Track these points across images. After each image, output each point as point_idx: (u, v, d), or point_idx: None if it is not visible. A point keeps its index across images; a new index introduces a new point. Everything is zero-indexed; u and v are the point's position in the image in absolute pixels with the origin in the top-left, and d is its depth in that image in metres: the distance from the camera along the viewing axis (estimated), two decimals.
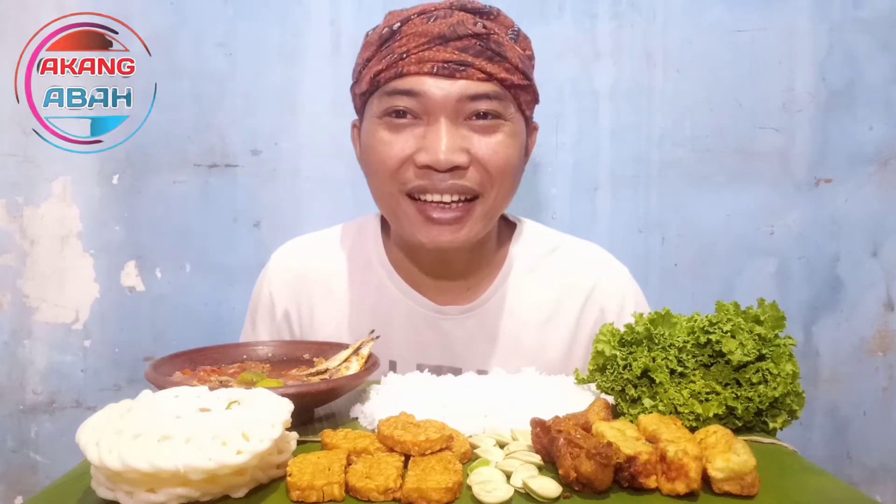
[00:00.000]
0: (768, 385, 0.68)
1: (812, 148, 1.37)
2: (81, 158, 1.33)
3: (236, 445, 0.53)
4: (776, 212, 1.39)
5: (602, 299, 0.95)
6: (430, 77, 0.80)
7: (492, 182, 0.84)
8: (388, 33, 0.83)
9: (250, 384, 0.74)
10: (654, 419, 0.62)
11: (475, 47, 0.81)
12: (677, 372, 0.69)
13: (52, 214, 1.34)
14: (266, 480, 0.58)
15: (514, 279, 0.95)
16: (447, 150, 0.80)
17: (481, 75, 0.81)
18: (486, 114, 0.82)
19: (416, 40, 0.81)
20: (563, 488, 0.56)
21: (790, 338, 0.70)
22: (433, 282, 0.94)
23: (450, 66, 0.80)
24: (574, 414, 0.66)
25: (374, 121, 0.85)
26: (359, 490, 0.54)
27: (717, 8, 1.35)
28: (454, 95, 0.81)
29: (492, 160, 0.83)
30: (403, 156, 0.83)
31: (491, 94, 0.82)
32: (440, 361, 0.91)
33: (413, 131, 0.82)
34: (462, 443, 0.63)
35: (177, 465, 0.51)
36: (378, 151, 0.84)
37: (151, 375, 0.72)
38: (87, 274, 1.35)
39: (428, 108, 0.81)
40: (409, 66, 0.80)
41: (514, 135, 0.85)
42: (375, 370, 0.78)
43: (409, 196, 0.85)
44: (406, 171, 0.83)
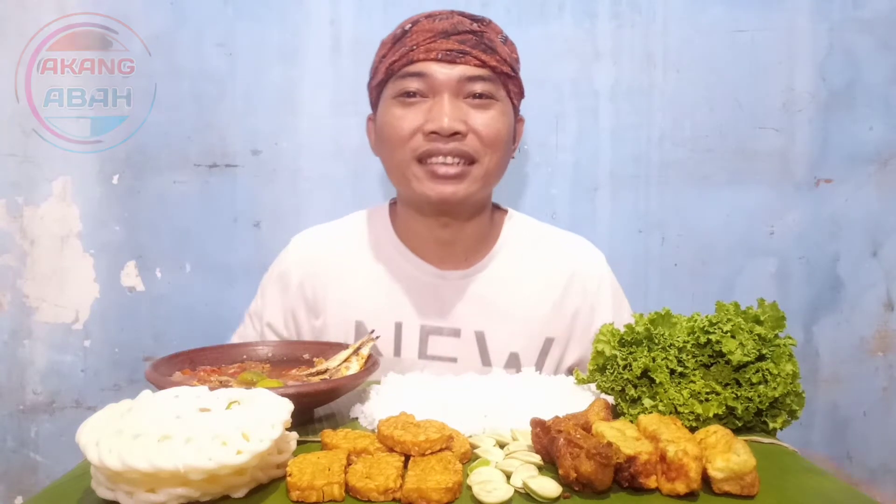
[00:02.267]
0: (768, 385, 0.68)
1: (812, 148, 1.37)
2: (81, 158, 1.33)
3: (236, 445, 0.53)
4: (776, 212, 1.39)
5: (583, 277, 1.07)
6: (436, 62, 0.97)
7: (485, 149, 0.99)
8: (400, 33, 1.00)
9: (250, 384, 0.74)
10: (654, 419, 0.62)
11: (472, 40, 0.98)
12: (677, 372, 0.69)
13: (52, 214, 1.34)
14: (266, 480, 0.58)
15: (506, 253, 1.08)
16: (450, 119, 0.96)
17: (477, 62, 0.98)
18: (480, 94, 0.98)
19: (423, 35, 0.98)
20: (563, 488, 0.56)
21: (790, 338, 0.70)
22: (436, 253, 1.06)
23: (451, 54, 0.97)
24: (574, 414, 0.66)
25: (389, 101, 1.00)
26: (359, 490, 0.54)
27: (717, 8, 1.35)
28: (455, 77, 0.97)
29: (485, 131, 0.98)
30: (414, 126, 0.98)
31: (485, 77, 0.98)
32: (440, 323, 1.03)
33: (421, 107, 0.98)
34: (462, 443, 0.63)
35: (177, 465, 0.51)
36: (392, 125, 0.99)
37: (151, 375, 0.72)
38: (87, 274, 1.35)
39: (434, 87, 0.97)
40: (418, 55, 0.98)
41: (503, 113, 1.01)
42: (375, 370, 0.78)
43: (418, 161, 0.99)
44: (416, 139, 0.98)
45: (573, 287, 1.06)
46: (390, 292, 1.04)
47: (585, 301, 1.06)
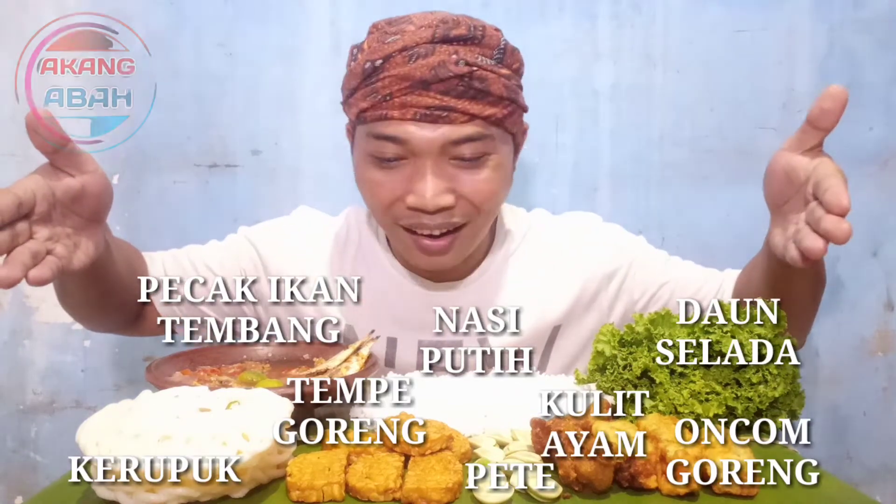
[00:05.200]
0: (768, 385, 0.68)
1: None
2: None
3: (236, 445, 0.53)
4: None
5: (585, 260, 1.01)
6: (414, 124, 0.83)
7: (478, 212, 0.89)
8: (370, 69, 0.85)
9: (250, 384, 0.74)
10: (654, 419, 0.62)
11: (457, 89, 0.83)
12: (677, 372, 0.69)
13: None
14: (266, 480, 0.58)
15: (501, 258, 1.01)
16: (433, 196, 0.84)
17: (464, 118, 0.83)
18: (469, 157, 0.86)
19: (398, 83, 0.82)
20: (563, 488, 0.56)
21: (790, 338, 0.70)
22: (427, 272, 0.99)
23: (432, 113, 0.82)
24: (574, 414, 0.66)
25: (364, 156, 0.89)
26: (359, 490, 0.54)
27: (717, 8, 1.35)
28: (438, 142, 0.83)
29: (477, 196, 0.87)
30: (394, 197, 0.87)
31: (474, 136, 0.84)
32: (438, 337, 0.96)
33: (402, 171, 0.86)
34: (462, 443, 0.63)
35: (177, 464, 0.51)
36: (370, 190, 0.89)
37: (151, 375, 0.72)
38: None
39: (413, 152, 0.84)
40: (392, 111, 0.83)
41: (498, 167, 0.88)
42: (375, 370, 0.78)
43: (403, 228, 0.90)
44: (398, 208, 0.87)
45: (579, 273, 1.00)
46: (381, 304, 0.97)
47: (592, 279, 1.00)
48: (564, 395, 0.77)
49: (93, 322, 0.99)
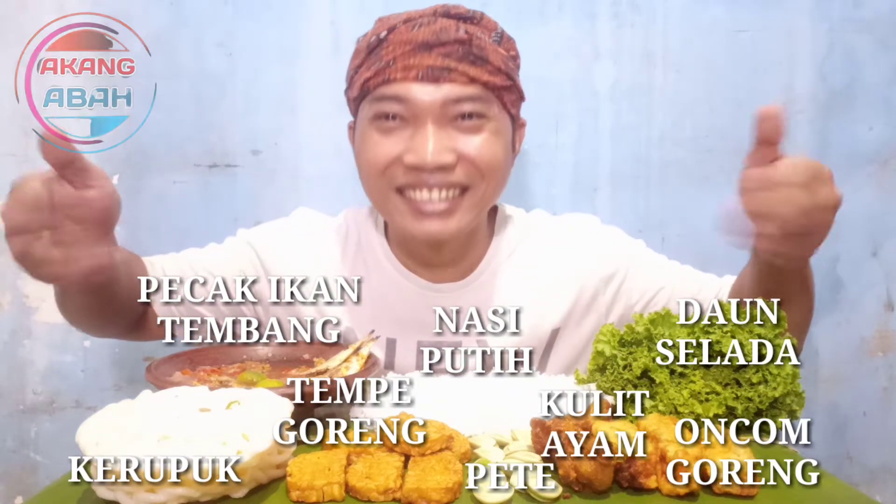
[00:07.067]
0: (768, 385, 0.68)
1: (812, 148, 1.36)
2: None
3: (236, 445, 0.53)
4: None
5: (587, 264, 1.01)
6: (416, 83, 0.85)
7: (481, 175, 0.88)
8: (375, 41, 0.88)
9: (250, 384, 0.74)
10: (654, 419, 0.62)
11: (458, 52, 0.85)
12: (677, 372, 0.69)
13: None
14: (266, 480, 0.58)
15: (500, 258, 1.00)
16: (434, 152, 0.85)
17: (464, 79, 0.85)
18: (470, 115, 0.87)
19: (401, 48, 0.85)
20: (563, 488, 0.56)
21: (790, 338, 0.70)
22: (426, 267, 0.98)
23: (434, 72, 0.84)
24: (574, 414, 0.66)
25: (365, 124, 0.90)
26: (359, 490, 0.54)
27: (717, 8, 1.35)
28: (439, 99, 0.85)
29: (478, 156, 0.87)
30: (392, 156, 0.87)
31: (474, 97, 0.86)
32: (437, 338, 0.95)
33: (401, 133, 0.87)
34: (462, 443, 0.63)
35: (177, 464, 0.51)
36: (368, 152, 0.89)
37: (151, 375, 0.72)
38: None
39: (415, 112, 0.85)
40: (395, 73, 0.85)
41: (498, 132, 0.89)
42: (375, 370, 0.78)
43: (398, 192, 0.89)
44: (395, 169, 0.88)
45: (577, 276, 0.99)
46: (381, 305, 0.97)
47: (590, 282, 1.00)
48: (564, 395, 0.77)
49: (92, 329, 0.99)
